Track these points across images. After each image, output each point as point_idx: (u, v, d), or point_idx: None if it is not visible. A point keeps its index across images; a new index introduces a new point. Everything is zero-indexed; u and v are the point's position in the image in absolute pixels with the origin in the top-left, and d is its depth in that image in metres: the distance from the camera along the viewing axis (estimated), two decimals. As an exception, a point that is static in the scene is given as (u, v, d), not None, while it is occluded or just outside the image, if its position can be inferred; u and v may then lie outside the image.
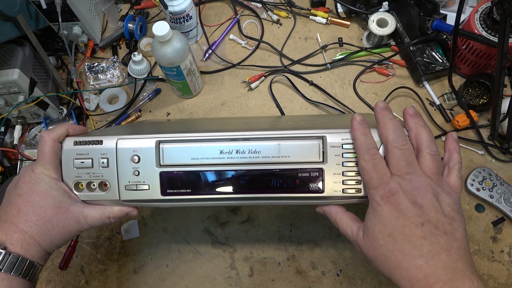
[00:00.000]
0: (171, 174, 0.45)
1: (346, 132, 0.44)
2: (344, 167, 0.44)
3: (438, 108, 0.75)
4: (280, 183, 0.45)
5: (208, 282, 0.67)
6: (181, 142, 0.46)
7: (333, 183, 0.44)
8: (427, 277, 0.36)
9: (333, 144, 0.44)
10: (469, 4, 0.80)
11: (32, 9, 0.70)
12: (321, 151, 0.44)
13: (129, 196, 0.46)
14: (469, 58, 0.73)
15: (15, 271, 0.41)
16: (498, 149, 0.71)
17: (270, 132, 0.45)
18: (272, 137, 0.45)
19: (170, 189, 0.45)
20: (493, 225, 0.67)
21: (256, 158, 0.45)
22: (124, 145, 0.45)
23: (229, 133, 0.45)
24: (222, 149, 0.45)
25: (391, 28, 0.77)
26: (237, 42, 0.85)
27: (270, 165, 0.45)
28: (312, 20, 0.86)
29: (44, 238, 0.43)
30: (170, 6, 0.73)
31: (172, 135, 0.46)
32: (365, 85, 0.80)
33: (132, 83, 0.81)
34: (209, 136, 0.46)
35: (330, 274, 0.66)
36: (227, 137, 0.45)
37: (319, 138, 0.44)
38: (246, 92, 0.81)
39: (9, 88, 0.68)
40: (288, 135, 0.45)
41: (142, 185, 0.45)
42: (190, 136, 0.46)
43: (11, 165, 0.76)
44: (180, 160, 0.45)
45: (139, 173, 0.45)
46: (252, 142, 0.45)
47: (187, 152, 0.45)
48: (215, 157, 0.45)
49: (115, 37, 0.86)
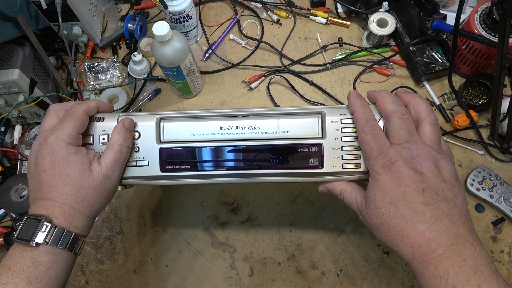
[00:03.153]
0: (171, 150, 0.45)
1: (344, 107, 0.45)
2: (343, 142, 0.44)
3: (438, 108, 0.75)
4: (279, 159, 0.45)
5: (208, 282, 0.67)
6: (182, 119, 0.46)
7: (332, 158, 0.44)
8: (430, 242, 0.36)
9: (331, 119, 0.44)
10: (469, 4, 0.80)
11: (32, 9, 0.70)
12: (320, 126, 0.45)
13: (129, 173, 0.46)
14: (469, 58, 0.73)
15: (61, 244, 0.41)
16: (498, 149, 0.71)
17: (269, 109, 0.46)
18: (271, 113, 0.46)
19: (169, 165, 0.46)
20: (493, 225, 0.67)
21: (255, 134, 0.45)
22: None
23: (229, 110, 0.46)
24: (222, 125, 0.45)
25: (391, 28, 0.77)
26: (237, 42, 0.85)
27: (269, 141, 0.45)
28: (312, 20, 0.86)
29: (83, 205, 0.43)
30: (170, 6, 0.73)
31: (173, 112, 0.47)
32: (365, 85, 0.80)
33: (132, 83, 0.81)
34: (209, 113, 0.46)
35: (330, 274, 0.66)
36: (227, 114, 0.46)
37: (318, 114, 0.45)
38: (246, 92, 0.81)
39: (9, 88, 0.68)
40: (287, 112, 0.46)
41: (142, 161, 0.46)
42: (190, 113, 0.46)
43: (11, 165, 0.76)
44: (179, 137, 0.46)
45: (139, 149, 0.46)
46: (252, 119, 0.45)
47: (187, 128, 0.46)
48: (214, 133, 0.45)
49: (115, 37, 0.86)
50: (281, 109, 0.46)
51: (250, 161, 0.45)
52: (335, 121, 0.44)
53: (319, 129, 0.45)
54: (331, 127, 0.44)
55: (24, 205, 0.69)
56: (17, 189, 0.71)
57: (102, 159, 0.44)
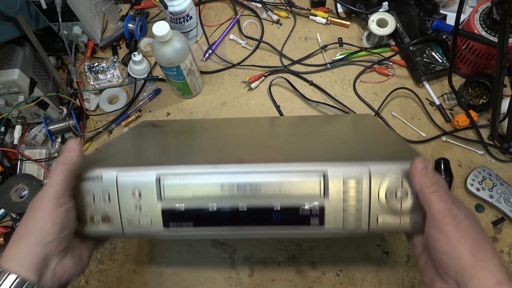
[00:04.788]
0: (173, 208, 0.45)
1: (348, 165, 0.44)
2: (345, 202, 0.44)
3: (438, 108, 0.75)
4: (280, 218, 0.45)
5: (208, 282, 0.67)
6: (182, 175, 0.46)
7: (334, 217, 0.44)
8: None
9: (334, 178, 0.44)
10: (469, 4, 0.80)
11: (32, 9, 0.70)
12: (322, 186, 0.44)
13: (132, 230, 0.46)
14: (469, 58, 0.73)
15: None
16: (498, 149, 0.71)
17: (271, 166, 0.45)
18: (273, 171, 0.45)
19: (172, 221, 0.46)
20: (493, 225, 0.67)
21: (256, 193, 0.45)
22: (125, 179, 0.45)
23: (230, 167, 0.46)
24: (223, 184, 0.45)
25: (391, 28, 0.77)
26: (237, 42, 0.85)
27: (270, 200, 0.45)
28: (312, 20, 0.86)
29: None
30: (170, 6, 0.73)
31: (173, 168, 0.46)
32: (365, 85, 0.80)
33: (132, 83, 0.81)
34: (210, 170, 0.46)
35: (330, 274, 0.66)
36: (228, 171, 0.45)
37: (320, 173, 0.44)
38: (246, 92, 0.81)
39: (9, 88, 0.68)
40: (289, 170, 0.45)
41: (145, 219, 0.46)
42: (190, 169, 0.46)
43: (11, 165, 0.76)
44: (181, 194, 0.45)
45: (141, 208, 0.45)
46: (253, 177, 0.45)
47: (188, 186, 0.45)
48: (216, 191, 0.45)
49: (115, 37, 0.86)
50: (283, 167, 0.45)
51: (251, 220, 0.46)
52: (338, 179, 0.44)
53: (321, 189, 0.45)
54: (333, 187, 0.44)
55: (24, 205, 0.69)
56: (17, 189, 0.71)
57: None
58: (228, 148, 0.57)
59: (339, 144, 0.54)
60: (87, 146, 0.78)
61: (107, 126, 0.79)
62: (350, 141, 0.56)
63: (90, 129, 0.79)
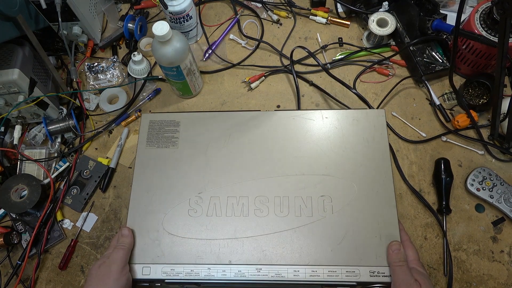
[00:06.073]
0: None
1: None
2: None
3: (438, 108, 0.75)
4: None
5: (208, 282, 0.67)
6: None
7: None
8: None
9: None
10: (469, 4, 0.80)
11: (32, 9, 0.70)
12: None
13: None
14: (469, 58, 0.73)
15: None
16: (498, 149, 0.71)
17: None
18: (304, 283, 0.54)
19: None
20: (493, 225, 0.67)
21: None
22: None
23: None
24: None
25: (391, 28, 0.77)
26: (237, 42, 0.85)
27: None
28: (312, 20, 0.86)
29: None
30: (170, 6, 0.73)
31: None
32: (365, 85, 0.80)
33: (132, 83, 0.81)
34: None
35: (330, 274, 0.66)
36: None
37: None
38: (246, 92, 0.81)
39: (9, 88, 0.68)
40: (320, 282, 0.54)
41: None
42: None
43: (11, 165, 0.76)
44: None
45: None
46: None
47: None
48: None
49: (115, 37, 0.86)
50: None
51: None
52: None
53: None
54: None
55: (23, 205, 0.69)
56: (17, 189, 0.71)
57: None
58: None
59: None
60: (87, 146, 0.78)
61: (107, 126, 0.79)
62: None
63: (90, 129, 0.79)
